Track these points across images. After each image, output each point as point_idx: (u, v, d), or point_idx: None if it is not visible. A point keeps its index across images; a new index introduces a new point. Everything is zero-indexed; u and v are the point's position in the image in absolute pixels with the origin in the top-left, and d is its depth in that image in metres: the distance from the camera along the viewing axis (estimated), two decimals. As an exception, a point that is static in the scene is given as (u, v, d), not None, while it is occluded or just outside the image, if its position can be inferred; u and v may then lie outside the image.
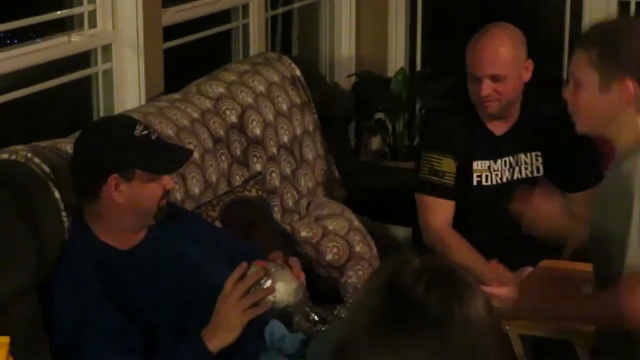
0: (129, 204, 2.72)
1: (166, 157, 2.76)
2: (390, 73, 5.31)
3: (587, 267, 3.31)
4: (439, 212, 3.56)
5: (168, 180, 2.77)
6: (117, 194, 2.70)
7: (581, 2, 5.09)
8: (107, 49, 3.67)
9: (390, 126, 5.24)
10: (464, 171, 3.59)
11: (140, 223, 2.79)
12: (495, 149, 3.61)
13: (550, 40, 5.26)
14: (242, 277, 2.65)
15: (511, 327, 2.99)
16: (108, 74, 3.69)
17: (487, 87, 3.44)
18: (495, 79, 3.45)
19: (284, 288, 2.69)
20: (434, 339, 1.38)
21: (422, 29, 5.41)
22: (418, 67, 5.46)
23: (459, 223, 3.60)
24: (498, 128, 3.61)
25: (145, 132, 2.73)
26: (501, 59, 3.45)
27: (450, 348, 1.38)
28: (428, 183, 3.57)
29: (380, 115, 5.26)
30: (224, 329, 2.64)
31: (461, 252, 3.45)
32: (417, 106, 5.29)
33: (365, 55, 5.35)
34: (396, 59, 5.40)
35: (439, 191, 3.56)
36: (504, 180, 3.61)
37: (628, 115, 2.59)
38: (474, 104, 3.54)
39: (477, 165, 3.60)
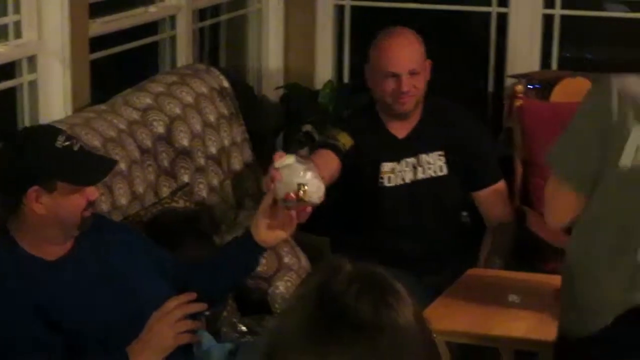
0: (51, 215, 2.68)
1: (89, 168, 2.72)
2: (318, 85, 5.33)
3: (512, 275, 3.38)
4: (322, 158, 3.52)
5: (92, 191, 2.72)
6: (39, 205, 2.65)
7: (506, 17, 5.16)
8: (32, 59, 3.64)
9: (318, 138, 5.25)
10: (373, 171, 3.64)
11: (63, 234, 2.75)
12: (397, 150, 3.68)
13: (476, 54, 5.32)
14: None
15: (438, 334, 3.02)
16: (33, 85, 3.66)
17: (407, 82, 3.54)
18: (412, 73, 3.55)
19: (316, 186, 2.64)
20: (364, 346, 1.37)
21: (349, 42, 5.44)
22: (345, 79, 5.48)
23: (365, 226, 3.65)
24: (399, 131, 3.70)
25: (68, 142, 2.69)
26: (416, 54, 3.60)
27: (380, 355, 1.37)
28: (321, 141, 3.71)
29: (308, 127, 5.27)
30: (154, 347, 2.61)
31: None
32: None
33: (293, 68, 5.37)
34: (324, 71, 5.42)
35: (329, 145, 3.61)
36: (407, 180, 3.67)
37: None
38: (387, 103, 3.61)
39: (383, 167, 3.66)
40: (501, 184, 3.78)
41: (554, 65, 5.15)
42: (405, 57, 3.57)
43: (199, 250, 3.43)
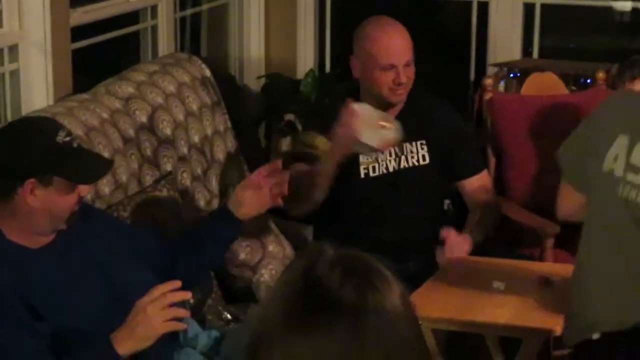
0: (43, 208, 2.68)
1: (86, 166, 2.73)
2: (300, 75, 5.33)
3: (497, 262, 3.39)
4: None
5: (84, 188, 2.74)
6: (32, 197, 2.66)
7: (487, 6, 5.17)
8: (13, 49, 3.62)
9: (300, 127, 5.25)
10: (351, 164, 3.61)
11: (51, 227, 2.75)
12: None
13: (456, 43, 5.33)
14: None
15: (424, 321, 3.02)
16: (15, 74, 3.64)
17: (404, 74, 3.53)
18: (407, 64, 3.55)
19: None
20: (348, 328, 1.38)
21: (330, 31, 5.44)
22: (327, 68, 5.49)
23: (348, 215, 3.65)
24: None
25: (68, 138, 2.70)
26: (408, 45, 3.59)
27: (364, 337, 1.38)
28: (298, 153, 3.69)
29: (290, 116, 5.27)
30: (140, 334, 2.60)
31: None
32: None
33: (275, 57, 5.36)
34: (305, 61, 5.42)
35: (309, 158, 3.61)
36: (390, 170, 3.66)
37: None
38: (381, 94, 3.57)
39: (363, 157, 3.63)
40: (484, 174, 3.78)
41: (535, 53, 5.17)
42: (401, 48, 3.55)
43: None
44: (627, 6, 5.20)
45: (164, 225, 3.45)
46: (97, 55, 4.21)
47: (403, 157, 3.67)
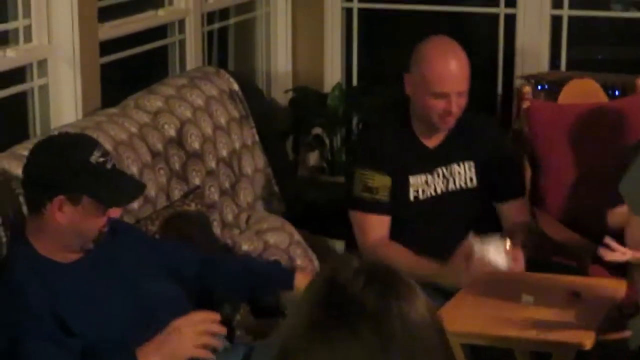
0: (71, 226, 2.70)
1: (118, 189, 2.74)
2: (327, 88, 5.32)
3: (526, 275, 3.37)
4: (375, 228, 3.54)
5: (114, 210, 2.75)
6: (60, 214, 2.67)
7: (514, 18, 5.16)
8: (42, 63, 3.64)
9: (327, 141, 5.26)
10: (401, 186, 3.57)
11: (78, 245, 2.76)
12: (430, 162, 3.61)
13: (485, 56, 5.31)
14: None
15: (452, 336, 3.01)
16: (44, 89, 3.66)
17: (456, 103, 3.44)
18: (460, 94, 3.46)
19: None
20: (371, 334, 1.37)
21: (357, 44, 5.43)
22: (354, 82, 5.47)
23: (397, 237, 3.60)
24: (431, 141, 3.61)
25: (102, 159, 2.70)
26: (465, 74, 3.48)
27: (388, 344, 1.37)
28: (362, 200, 3.54)
29: (317, 130, 5.27)
30: (167, 351, 2.62)
31: (400, 259, 3.41)
32: (355, 121, 5.32)
33: (302, 71, 5.37)
34: (332, 74, 5.41)
35: (373, 208, 3.54)
36: (439, 192, 3.60)
37: None
38: (432, 120, 3.50)
39: (414, 179, 3.59)
40: (524, 200, 3.74)
41: (563, 66, 5.14)
42: (456, 77, 3.44)
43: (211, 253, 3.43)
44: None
45: (192, 239, 3.45)
46: (126, 70, 4.22)
47: (451, 179, 3.62)
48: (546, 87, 4.76)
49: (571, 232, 3.94)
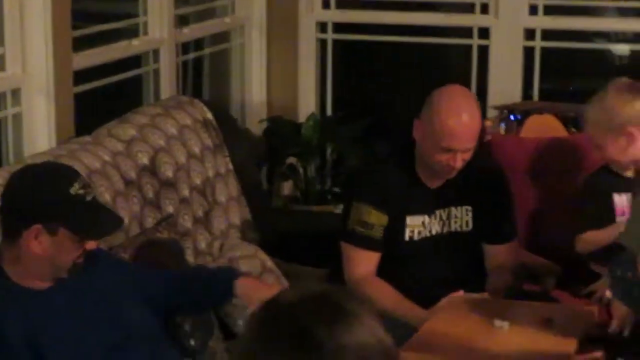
0: (45, 256, 2.68)
1: (95, 222, 2.73)
2: (302, 118, 5.34)
3: (498, 302, 3.37)
4: (363, 263, 3.51)
5: (91, 243, 2.74)
6: (36, 243, 2.66)
7: (487, 49, 5.19)
8: (16, 92, 3.63)
9: (302, 171, 5.26)
10: (397, 226, 3.53)
11: (51, 275, 2.75)
12: (429, 203, 3.56)
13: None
14: None
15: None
16: (17, 117, 3.65)
17: (460, 159, 3.40)
18: (466, 151, 3.41)
19: None
20: (300, 350, 1.40)
21: (332, 74, 5.45)
22: (329, 112, 5.49)
23: (387, 274, 3.55)
24: (432, 182, 3.55)
25: (82, 191, 2.70)
26: (474, 132, 3.41)
27: None
28: (355, 234, 3.50)
29: (292, 160, 5.28)
30: None
31: (383, 296, 3.39)
32: (328, 151, 5.33)
33: (276, 101, 5.38)
34: (307, 104, 5.42)
35: (365, 242, 3.50)
36: (434, 233, 3.56)
37: None
38: (434, 168, 3.47)
39: (411, 220, 3.55)
40: (514, 243, 3.71)
41: (536, 96, 5.18)
42: (465, 135, 3.37)
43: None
44: (625, 49, 5.22)
45: (165, 266, 3.44)
46: (100, 98, 4.21)
47: (448, 222, 3.58)
48: (519, 117, 4.78)
49: (535, 257, 3.97)
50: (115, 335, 2.77)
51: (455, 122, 3.36)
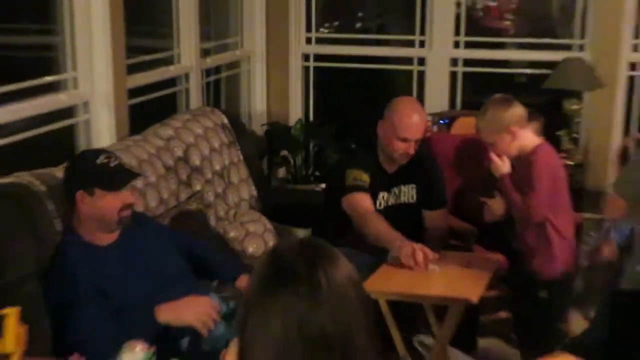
0: (92, 212, 2.68)
1: (116, 178, 2.71)
2: (292, 122, 5.33)
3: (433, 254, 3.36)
4: (365, 201, 3.45)
5: (127, 196, 2.72)
6: (84, 205, 2.67)
7: (424, 73, 5.19)
8: (86, 104, 3.63)
9: (292, 160, 5.26)
10: (372, 197, 3.50)
11: (105, 227, 2.73)
12: (388, 183, 3.57)
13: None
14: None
15: (379, 294, 3.01)
16: (87, 122, 3.65)
17: (413, 147, 3.43)
18: (417, 140, 3.44)
19: None
20: (304, 290, 1.33)
21: (313, 91, 5.44)
22: (311, 118, 5.48)
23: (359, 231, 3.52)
24: (390, 167, 3.56)
25: (106, 160, 2.69)
26: (423, 127, 3.45)
27: (317, 296, 1.33)
28: (353, 186, 3.46)
29: (284, 152, 5.28)
30: (175, 312, 2.59)
31: (381, 223, 3.33)
32: (311, 146, 5.33)
33: (274, 110, 5.37)
34: (295, 112, 5.42)
35: (363, 189, 3.46)
36: (390, 204, 3.57)
37: None
38: (394, 156, 3.47)
39: (379, 194, 3.54)
40: (445, 210, 3.70)
41: (459, 106, 5.19)
42: (418, 128, 3.41)
43: (208, 240, 3.42)
44: (525, 72, 5.25)
45: (194, 230, 3.44)
46: (146, 108, 4.21)
47: (399, 196, 3.59)
48: (446, 121, 4.80)
49: (459, 221, 3.99)
50: (156, 277, 2.76)
51: (410, 119, 3.40)
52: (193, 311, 2.59)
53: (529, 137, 3.23)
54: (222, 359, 1.47)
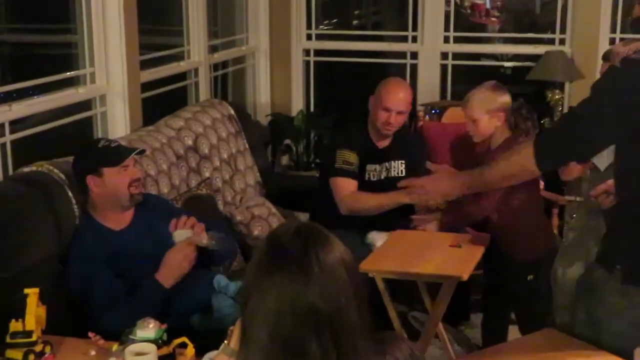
0: (106, 192, 2.67)
1: (118, 155, 2.69)
2: (294, 113, 5.31)
3: (427, 234, 3.35)
4: (350, 186, 3.49)
5: (133, 171, 2.71)
6: (94, 187, 2.66)
7: (416, 66, 5.16)
8: (103, 97, 3.60)
9: (294, 148, 5.24)
10: (361, 169, 3.54)
11: (118, 205, 2.70)
12: (379, 157, 3.59)
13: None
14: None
15: (375, 272, 2.99)
16: (104, 114, 3.62)
17: (394, 118, 3.46)
18: (399, 113, 3.47)
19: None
20: (297, 272, 1.33)
21: (314, 84, 5.41)
22: (312, 108, 5.46)
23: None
24: (380, 143, 3.59)
25: (107, 143, 2.70)
26: (406, 100, 3.49)
27: (309, 278, 1.33)
28: (342, 170, 3.49)
29: (287, 141, 5.26)
30: (176, 272, 2.58)
31: (369, 197, 3.43)
32: (312, 135, 5.30)
33: (277, 101, 5.34)
34: (297, 104, 5.40)
35: (349, 174, 3.50)
36: (382, 177, 3.60)
37: None
38: (378, 125, 3.50)
39: (368, 167, 3.57)
40: None
41: (449, 96, 5.16)
42: (400, 101, 3.46)
43: (216, 222, 3.38)
44: (510, 64, 5.21)
45: (204, 213, 3.41)
46: (159, 101, 4.18)
47: (390, 170, 3.62)
48: (437, 111, 4.76)
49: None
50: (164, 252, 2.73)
51: (394, 90, 3.47)
52: (179, 258, 2.58)
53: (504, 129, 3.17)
54: (230, 334, 1.49)
